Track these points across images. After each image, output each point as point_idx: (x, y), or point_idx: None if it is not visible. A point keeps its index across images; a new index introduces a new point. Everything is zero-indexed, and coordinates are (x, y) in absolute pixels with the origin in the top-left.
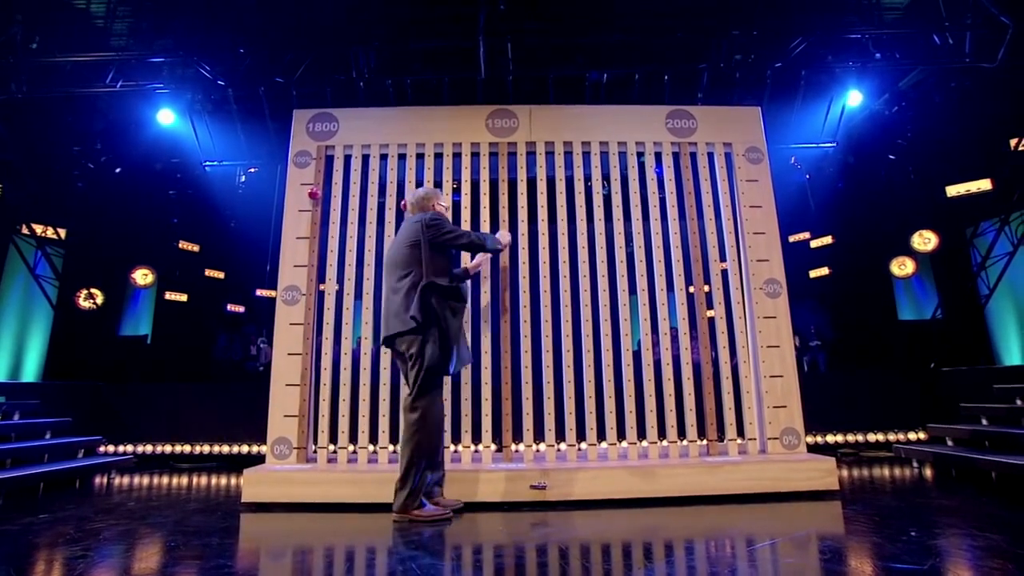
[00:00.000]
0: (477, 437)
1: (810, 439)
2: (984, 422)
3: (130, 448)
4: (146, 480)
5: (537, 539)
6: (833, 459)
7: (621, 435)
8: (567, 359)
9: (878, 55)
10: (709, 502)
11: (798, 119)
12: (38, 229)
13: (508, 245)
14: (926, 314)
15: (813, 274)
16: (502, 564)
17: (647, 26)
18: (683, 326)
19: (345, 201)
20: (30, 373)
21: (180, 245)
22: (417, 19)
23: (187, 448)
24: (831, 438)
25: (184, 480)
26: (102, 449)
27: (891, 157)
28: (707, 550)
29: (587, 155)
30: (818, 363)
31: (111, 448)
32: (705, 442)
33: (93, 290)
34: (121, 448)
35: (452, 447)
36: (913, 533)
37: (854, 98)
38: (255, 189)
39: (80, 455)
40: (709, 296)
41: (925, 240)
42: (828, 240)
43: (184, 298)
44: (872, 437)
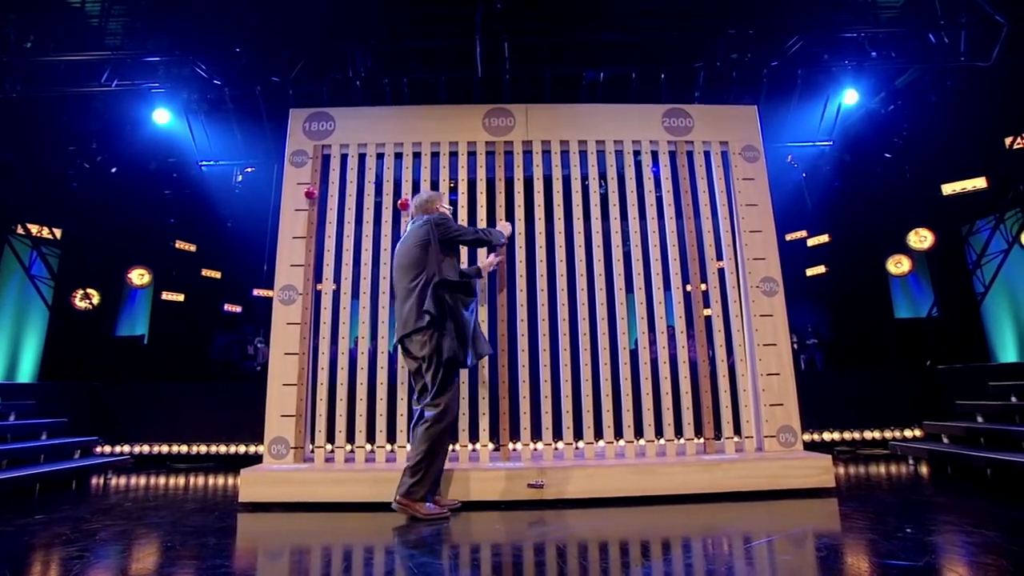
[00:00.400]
0: (475, 436)
1: (807, 437)
2: (979, 419)
3: (127, 449)
4: (143, 480)
5: (535, 537)
6: (829, 457)
7: (618, 433)
8: (564, 358)
9: (874, 54)
10: (706, 500)
11: (794, 118)
12: (33, 229)
13: (510, 235)
14: (922, 312)
15: (810, 272)
16: (500, 563)
17: (643, 25)
18: (680, 324)
19: (342, 200)
20: (26, 374)
21: (176, 245)
22: (414, 18)
23: (184, 448)
24: (827, 436)
25: (181, 480)
26: (99, 450)
27: (887, 155)
28: (704, 548)
29: (584, 154)
30: (815, 361)
31: (108, 449)
32: (702, 440)
33: (89, 290)
34: (118, 449)
35: (450, 446)
36: (909, 530)
37: (850, 97)
38: (251, 189)
39: (76, 456)
40: (706, 295)
41: (921, 238)
42: (825, 238)
43: (181, 298)
44: (868, 435)
